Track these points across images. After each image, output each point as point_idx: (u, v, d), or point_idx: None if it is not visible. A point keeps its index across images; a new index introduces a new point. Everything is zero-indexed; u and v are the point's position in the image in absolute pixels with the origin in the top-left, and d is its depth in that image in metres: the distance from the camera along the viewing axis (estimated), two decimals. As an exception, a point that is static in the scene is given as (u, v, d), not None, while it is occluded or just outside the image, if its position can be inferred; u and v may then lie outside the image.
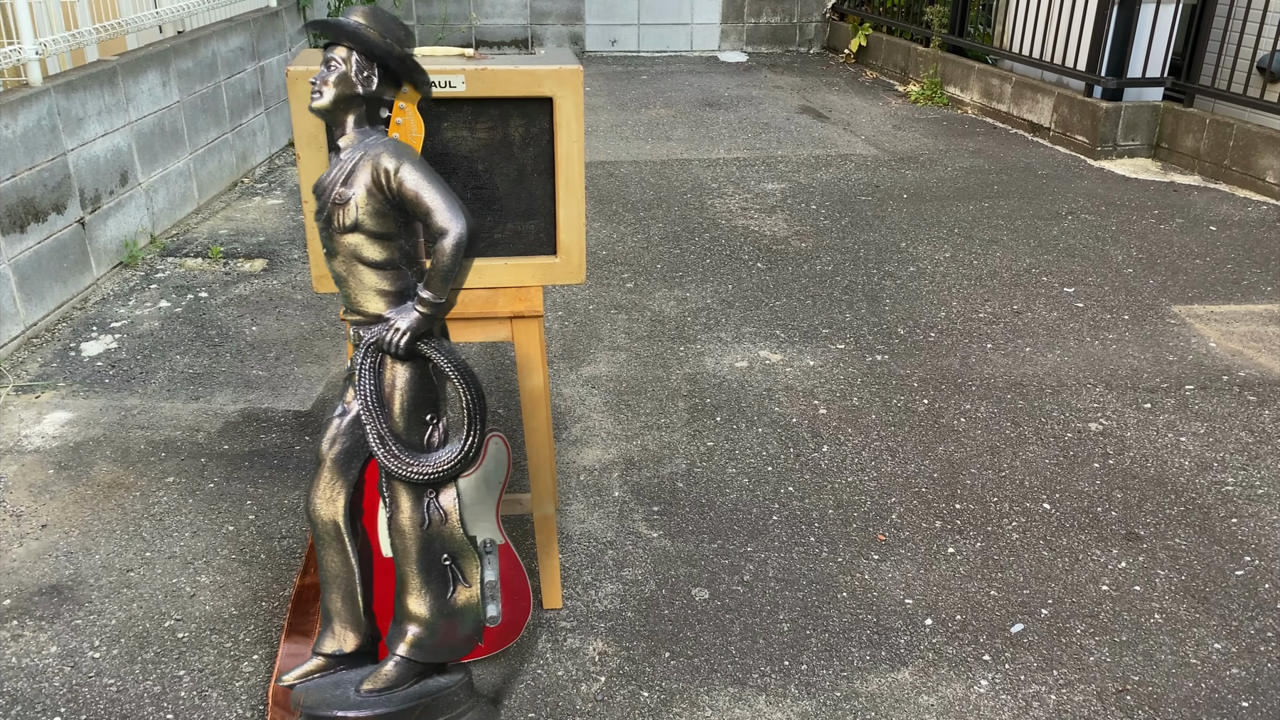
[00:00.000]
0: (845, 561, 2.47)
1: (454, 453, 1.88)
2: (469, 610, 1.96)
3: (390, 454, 1.87)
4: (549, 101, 1.99)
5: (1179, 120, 5.81)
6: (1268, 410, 3.17)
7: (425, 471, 1.87)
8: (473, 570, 1.96)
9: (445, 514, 1.93)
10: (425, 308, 1.82)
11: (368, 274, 1.86)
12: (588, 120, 6.69)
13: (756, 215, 4.88)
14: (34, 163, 3.53)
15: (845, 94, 7.69)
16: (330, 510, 1.97)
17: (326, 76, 1.82)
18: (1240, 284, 4.14)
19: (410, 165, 1.79)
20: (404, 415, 1.89)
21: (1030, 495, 2.73)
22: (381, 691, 1.93)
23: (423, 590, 1.93)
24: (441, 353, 1.86)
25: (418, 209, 1.79)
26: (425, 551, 1.93)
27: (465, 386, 1.86)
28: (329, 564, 2.00)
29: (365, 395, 1.87)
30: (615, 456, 2.89)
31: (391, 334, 1.84)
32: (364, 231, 1.82)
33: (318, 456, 1.97)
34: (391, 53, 1.82)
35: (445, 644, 1.96)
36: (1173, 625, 2.27)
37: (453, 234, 1.77)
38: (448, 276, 1.80)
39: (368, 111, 1.84)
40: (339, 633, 2.02)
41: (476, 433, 1.87)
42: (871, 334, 3.66)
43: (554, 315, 3.79)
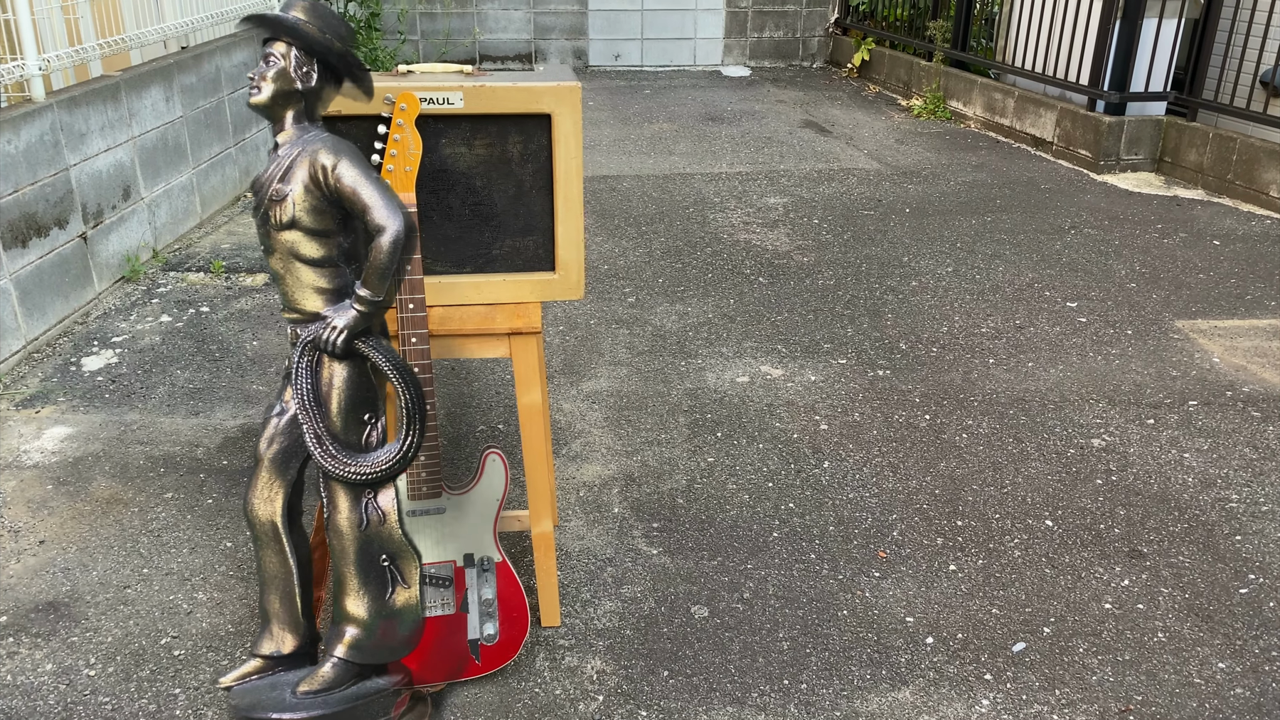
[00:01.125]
0: (846, 579, 2.45)
1: (392, 453, 1.85)
2: (408, 611, 1.95)
3: (327, 454, 1.85)
4: (547, 118, 1.99)
5: (1182, 134, 5.80)
6: (1272, 426, 3.15)
7: (363, 472, 1.85)
8: (411, 571, 1.94)
9: (384, 514, 1.91)
10: (363, 306, 1.79)
11: (305, 271, 1.84)
12: (590, 135, 6.71)
13: (758, 230, 4.88)
14: (36, 178, 3.54)
15: (848, 108, 7.69)
16: (268, 510, 1.96)
17: (265, 72, 1.81)
18: (1244, 299, 4.13)
19: (348, 161, 1.77)
20: (341, 414, 1.86)
21: (1032, 512, 2.71)
22: (318, 693, 1.91)
23: (361, 591, 1.92)
24: (380, 351, 1.83)
25: (355, 205, 1.77)
26: (363, 552, 1.91)
27: (404, 386, 1.83)
28: (267, 565, 2.00)
29: (302, 394, 1.85)
30: (615, 472, 2.88)
31: (329, 332, 1.82)
32: (301, 228, 1.80)
33: (255, 456, 1.96)
34: (331, 49, 1.81)
35: (384, 645, 1.95)
36: (1176, 644, 2.25)
37: (390, 231, 1.74)
38: (385, 274, 1.77)
39: (307, 108, 1.83)
40: (277, 634, 2.01)
41: (415, 433, 1.85)
42: (873, 349, 3.65)
43: (555, 330, 3.79)
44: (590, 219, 5.03)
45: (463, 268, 2.08)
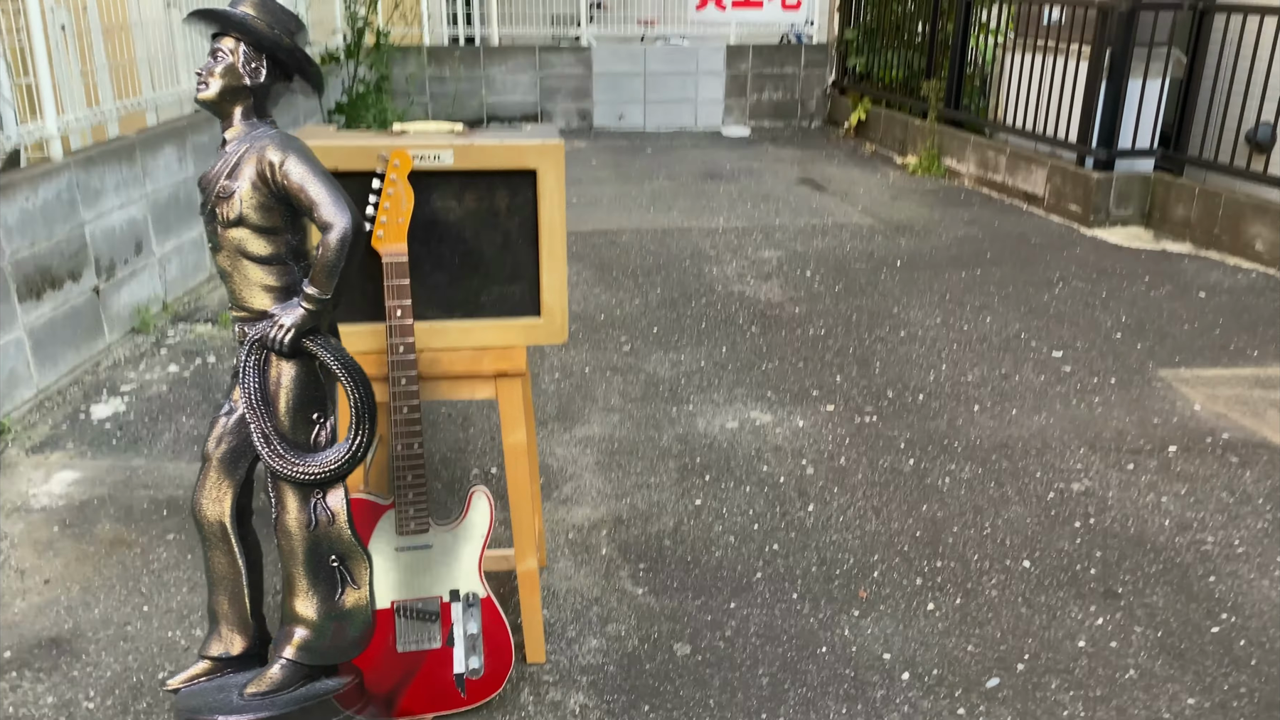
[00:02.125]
0: (826, 618, 2.51)
1: (341, 453, 1.83)
2: (358, 612, 1.93)
3: (275, 453, 1.82)
4: (533, 174, 2.10)
5: (1169, 190, 5.93)
6: (1249, 471, 3.21)
7: (311, 472, 1.82)
8: (361, 571, 1.90)
9: (333, 515, 1.88)
10: (310, 304, 1.76)
11: (253, 269, 1.81)
12: (592, 191, 6.88)
13: (752, 281, 5.00)
14: (52, 234, 3.69)
15: (844, 166, 7.87)
16: (216, 510, 1.94)
17: (213, 68, 1.78)
18: (1227, 348, 4.21)
19: (296, 158, 1.75)
20: (289, 414, 1.83)
21: (1011, 553, 2.77)
22: (265, 695, 1.88)
23: (310, 592, 1.89)
24: (328, 350, 1.81)
25: (302, 202, 1.74)
26: (312, 553, 1.89)
27: (353, 385, 1.81)
28: (215, 565, 1.98)
29: (249, 393, 1.82)
30: (604, 515, 2.96)
31: (276, 330, 1.78)
32: (249, 226, 1.78)
33: (203, 455, 1.94)
34: (280, 44, 1.79)
35: (333, 646, 1.91)
36: (1147, 681, 2.30)
37: (337, 228, 1.72)
38: (332, 272, 1.74)
39: (256, 104, 1.81)
40: (225, 635, 1.99)
41: (365, 432, 1.82)
42: (861, 396, 3.73)
43: (551, 377, 3.89)
44: (589, 271, 5.15)
45: (452, 313, 2.18)
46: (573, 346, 4.19)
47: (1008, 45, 6.98)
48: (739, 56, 9.43)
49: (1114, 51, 5.90)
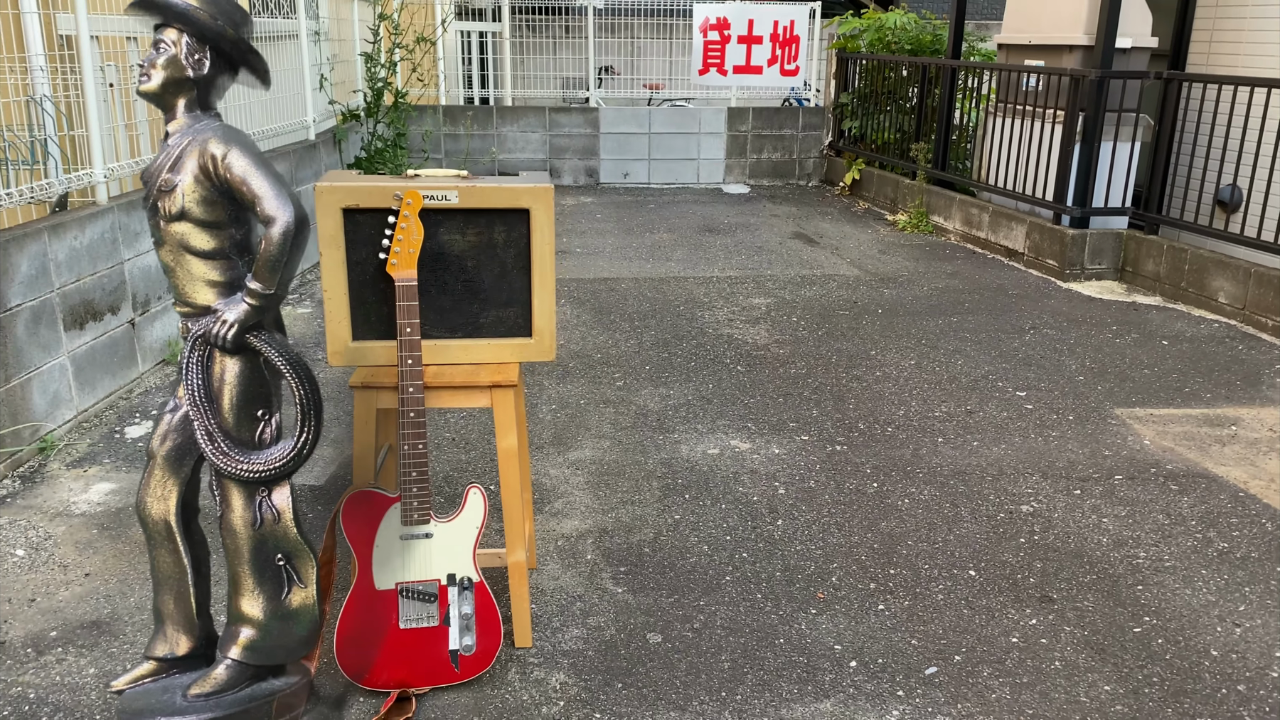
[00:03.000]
0: (786, 614, 2.79)
1: (287, 450, 1.83)
2: (305, 611, 1.92)
3: (219, 451, 1.79)
4: (526, 212, 2.44)
5: (1141, 246, 6.26)
6: (1187, 497, 3.48)
7: (256, 469, 1.81)
8: (308, 570, 1.88)
9: (278, 513, 1.87)
10: (254, 299, 1.74)
11: (196, 264, 1.77)
12: (594, 242, 7.25)
13: (741, 325, 5.32)
14: (96, 270, 4.04)
15: (837, 222, 8.24)
16: (161, 509, 1.90)
17: (155, 59, 1.75)
18: (1182, 390, 4.50)
19: (239, 151, 1.72)
20: (234, 410, 1.80)
21: (959, 564, 3.05)
22: (209, 696, 1.86)
23: (256, 591, 1.87)
24: (273, 346, 1.80)
25: (245, 196, 1.72)
26: (257, 551, 1.86)
27: (299, 381, 1.81)
28: (160, 564, 1.93)
29: (192, 390, 1.79)
30: (591, 526, 3.25)
31: (219, 326, 1.75)
32: (191, 220, 1.74)
33: (148, 453, 1.89)
34: (224, 35, 1.76)
35: (280, 646, 1.89)
36: (1070, 671, 2.56)
37: (280, 222, 1.70)
38: (275, 266, 1.71)
39: (200, 96, 1.77)
40: (171, 635, 1.95)
41: (310, 429, 1.83)
42: (834, 428, 4.03)
43: (548, 408, 4.20)
44: (589, 315, 5.49)
45: (455, 333, 2.50)
46: (569, 381, 4.50)
47: (990, 110, 7.38)
48: (739, 118, 9.88)
49: (1086, 116, 6.27)
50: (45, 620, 2.70)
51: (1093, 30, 6.33)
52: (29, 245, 3.63)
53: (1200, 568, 3.04)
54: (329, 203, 2.35)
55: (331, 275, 2.40)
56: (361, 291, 2.43)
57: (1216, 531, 3.25)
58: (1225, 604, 2.85)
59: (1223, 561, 3.07)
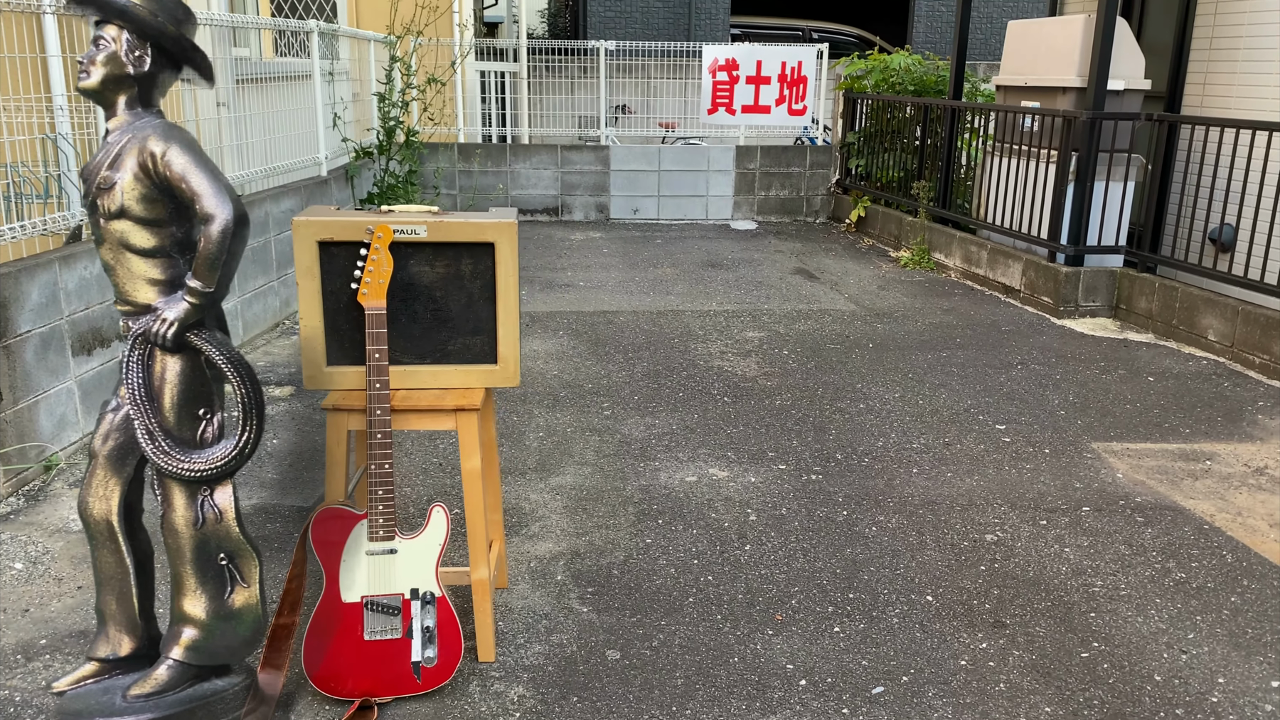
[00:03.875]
0: (743, 635, 2.88)
1: (229, 449, 1.83)
2: (248, 611, 1.93)
3: (159, 450, 1.79)
4: (491, 246, 2.59)
5: (1134, 284, 6.33)
6: (1151, 529, 3.55)
7: (197, 468, 1.81)
8: (251, 570, 1.89)
9: (220, 512, 1.88)
10: (194, 297, 1.74)
11: (136, 262, 1.77)
12: (598, 276, 7.41)
13: (732, 358, 5.44)
14: (105, 299, 4.23)
15: (840, 258, 8.36)
16: (103, 508, 1.91)
17: (95, 56, 1.74)
18: (1162, 426, 4.56)
19: (179, 148, 1.71)
20: (175, 409, 1.80)
21: (917, 589, 3.13)
22: (150, 696, 1.86)
23: (198, 591, 1.88)
24: (214, 344, 1.79)
25: (184, 194, 1.71)
26: (200, 551, 1.87)
27: (240, 380, 1.82)
28: (103, 564, 1.94)
29: (133, 388, 1.79)
30: (564, 549, 3.36)
31: (159, 325, 1.75)
32: (131, 218, 1.73)
33: (90, 452, 1.91)
34: (165, 32, 1.75)
35: (223, 646, 1.90)
36: (1013, 692, 2.63)
37: (219, 220, 1.70)
38: (214, 264, 1.70)
39: (141, 93, 1.76)
40: (113, 636, 1.96)
41: (253, 428, 1.83)
42: (812, 457, 4.13)
43: (536, 436, 4.32)
44: (584, 346, 5.63)
45: (424, 360, 2.64)
46: (559, 410, 4.63)
47: (989, 149, 7.50)
48: (748, 156, 10.06)
49: (1079, 156, 6.38)
50: (36, 629, 2.84)
51: (1085, 73, 6.45)
52: (40, 274, 3.82)
53: (1155, 596, 3.10)
54: (305, 236, 2.51)
55: (308, 304, 2.55)
56: (336, 319, 2.58)
57: (1176, 562, 3.32)
58: (1175, 631, 2.91)
59: (1178, 591, 3.14)
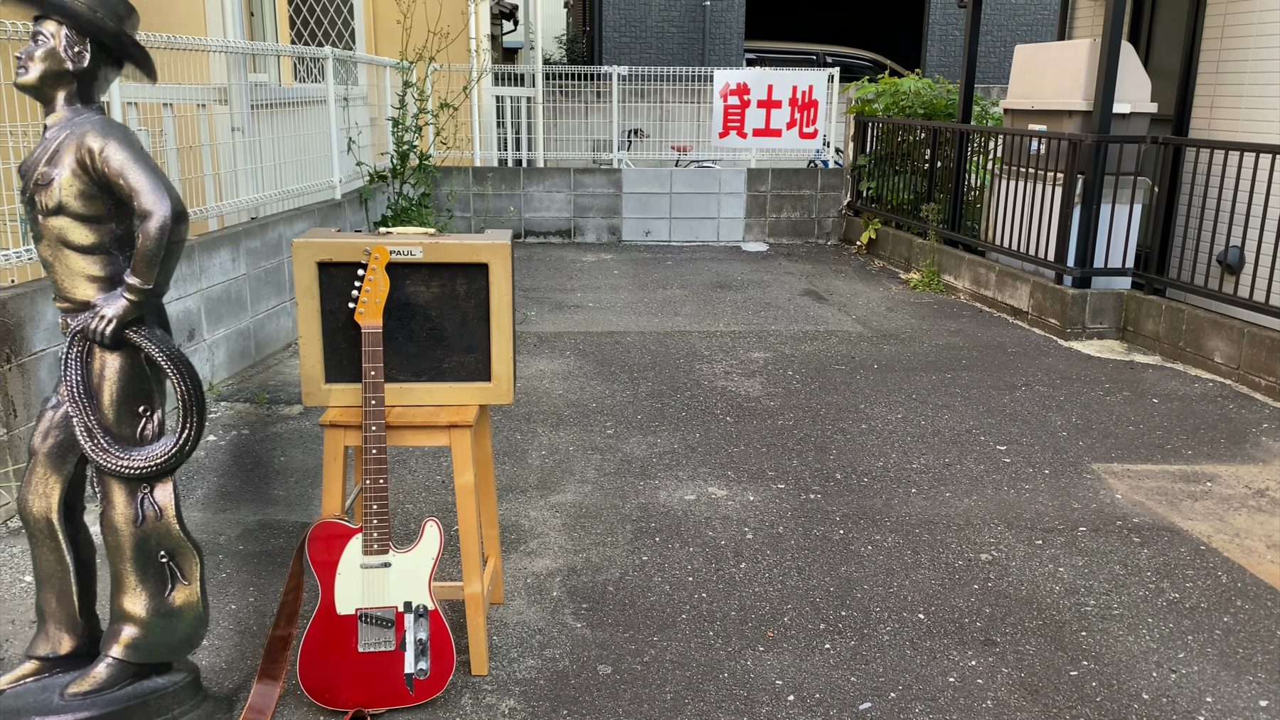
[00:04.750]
0: (734, 651, 2.91)
1: (169, 446, 1.84)
2: (188, 609, 1.92)
3: (99, 447, 1.79)
4: (485, 266, 2.65)
5: (1141, 306, 6.34)
6: (1147, 549, 3.56)
7: (136, 465, 1.82)
8: (192, 567, 1.87)
9: (160, 510, 1.89)
10: (133, 294, 1.75)
11: (75, 259, 1.76)
12: (607, 298, 7.48)
13: (737, 378, 5.49)
14: (119, 318, 4.33)
15: (850, 280, 8.40)
16: (43, 506, 1.91)
17: (33, 52, 1.73)
18: (1164, 447, 4.56)
19: (117, 144, 1.70)
20: (114, 406, 1.80)
21: (909, 607, 3.15)
22: (88, 694, 1.86)
23: (138, 589, 1.87)
24: (153, 341, 1.80)
25: (122, 189, 1.70)
26: (140, 548, 1.87)
27: (180, 377, 1.82)
28: (42, 562, 1.94)
29: (72, 386, 1.79)
30: (561, 565, 3.40)
31: (98, 322, 1.74)
32: (69, 214, 1.72)
33: (30, 450, 1.90)
34: (104, 28, 1.73)
35: (163, 644, 1.89)
36: (1000, 710, 2.65)
37: (157, 216, 1.70)
38: (153, 261, 1.70)
39: (80, 89, 1.75)
40: (53, 634, 1.95)
41: (193, 425, 1.83)
42: (811, 477, 4.16)
43: (538, 454, 4.38)
44: (591, 366, 5.69)
45: (419, 377, 2.71)
46: (563, 429, 4.69)
47: (997, 172, 7.53)
48: (759, 179, 10.13)
49: (1085, 179, 6.41)
50: (43, 640, 2.91)
51: (1091, 96, 6.49)
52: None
53: (1147, 616, 3.11)
54: (304, 257, 2.58)
55: (306, 322, 2.62)
56: (334, 338, 2.65)
57: (1170, 582, 3.32)
58: (1165, 651, 2.92)
59: (1171, 611, 3.15)
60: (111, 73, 1.88)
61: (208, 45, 5.35)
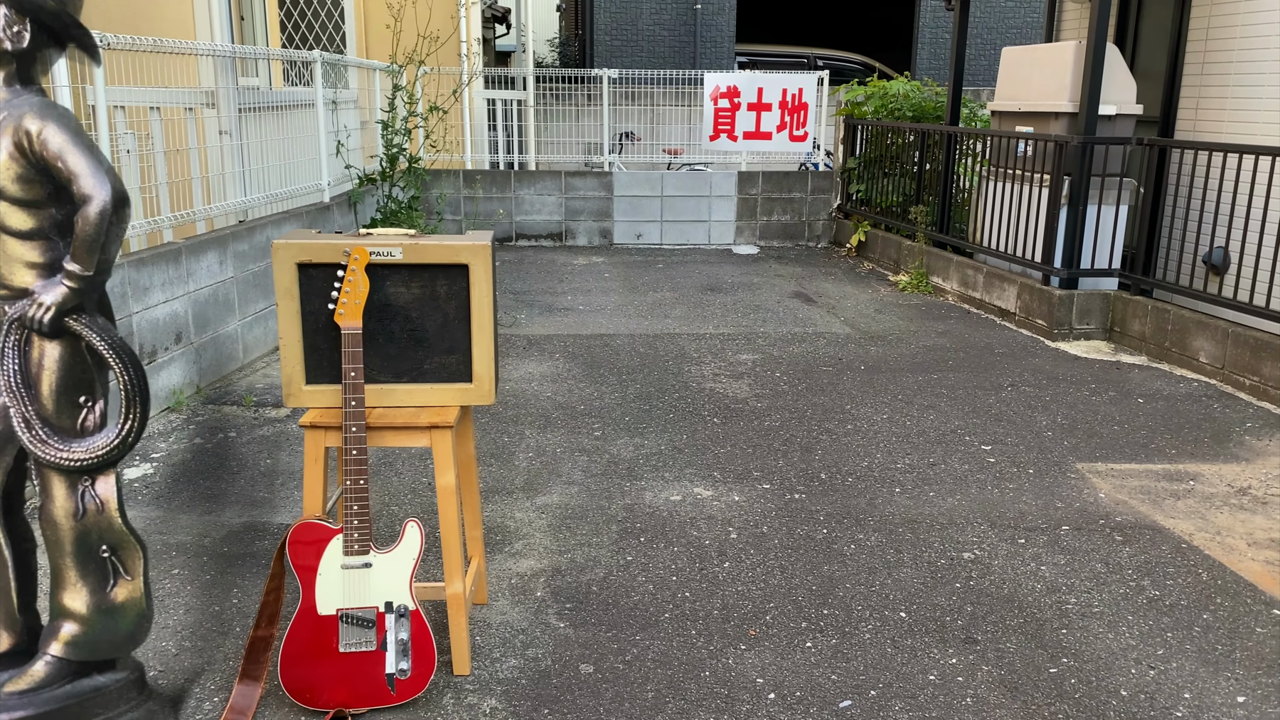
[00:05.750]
0: (716, 649, 2.92)
1: (111, 437, 1.77)
2: (131, 605, 1.88)
3: (37, 439, 1.74)
4: (466, 267, 2.66)
5: (1128, 306, 6.37)
6: (1128, 548, 3.57)
7: (76, 457, 1.75)
8: (134, 562, 1.84)
9: (102, 503, 1.83)
10: (72, 281, 1.69)
11: (13, 244, 1.71)
12: (598, 300, 7.49)
13: (725, 380, 5.50)
14: (105, 321, 4.33)
15: (839, 282, 8.43)
16: None
17: None
18: (1148, 447, 4.58)
19: (56, 126, 1.66)
20: (54, 397, 1.75)
21: (891, 605, 3.17)
22: (25, 693, 1.81)
23: (79, 584, 1.82)
24: (95, 330, 1.74)
25: (61, 173, 1.66)
26: (80, 543, 1.81)
27: (122, 367, 1.77)
28: None
29: (8, 375, 1.74)
30: (546, 566, 3.41)
31: (36, 310, 1.70)
32: (7, 198, 1.68)
33: None
34: (44, 7, 1.71)
35: (104, 641, 1.84)
36: (979, 707, 2.66)
37: (97, 201, 1.65)
38: (93, 247, 1.65)
39: (20, 70, 1.72)
40: None
41: (136, 416, 1.79)
42: (796, 477, 4.17)
43: (525, 456, 4.39)
44: (580, 369, 5.70)
45: (400, 378, 2.72)
46: (550, 430, 4.70)
47: (984, 174, 7.56)
48: (750, 182, 10.15)
49: (1072, 181, 6.44)
50: (25, 642, 2.91)
51: (1077, 98, 6.52)
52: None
53: (1127, 613, 3.13)
54: (284, 258, 2.59)
55: (287, 324, 2.63)
56: (314, 339, 2.65)
57: (1151, 580, 3.34)
58: (1144, 648, 2.94)
59: (1151, 608, 3.16)
60: (53, 54, 1.86)
61: (195, 49, 5.36)
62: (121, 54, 4.65)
